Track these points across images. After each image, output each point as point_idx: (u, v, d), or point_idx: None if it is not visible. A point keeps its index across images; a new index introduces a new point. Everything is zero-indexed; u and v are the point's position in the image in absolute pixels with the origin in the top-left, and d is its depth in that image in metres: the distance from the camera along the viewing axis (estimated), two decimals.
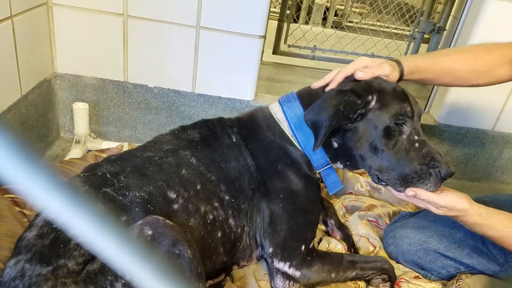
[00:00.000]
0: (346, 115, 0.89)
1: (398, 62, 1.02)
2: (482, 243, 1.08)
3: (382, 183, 0.94)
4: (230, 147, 0.98)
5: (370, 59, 1.00)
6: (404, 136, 0.91)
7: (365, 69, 0.96)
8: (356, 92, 0.90)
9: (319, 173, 1.02)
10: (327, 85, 0.99)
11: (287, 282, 0.94)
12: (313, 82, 1.02)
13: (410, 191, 0.90)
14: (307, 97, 1.00)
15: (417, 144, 0.91)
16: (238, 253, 0.98)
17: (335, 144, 0.98)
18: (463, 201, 0.90)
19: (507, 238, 0.92)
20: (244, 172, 0.97)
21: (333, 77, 0.98)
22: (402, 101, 0.91)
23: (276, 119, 1.01)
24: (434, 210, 0.91)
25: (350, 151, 0.95)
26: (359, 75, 0.94)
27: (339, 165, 1.02)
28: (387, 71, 0.96)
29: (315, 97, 0.97)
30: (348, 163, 0.99)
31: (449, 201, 0.89)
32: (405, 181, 0.90)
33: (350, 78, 0.97)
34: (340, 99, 0.88)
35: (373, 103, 0.91)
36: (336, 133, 0.96)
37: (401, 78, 1.03)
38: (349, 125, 0.92)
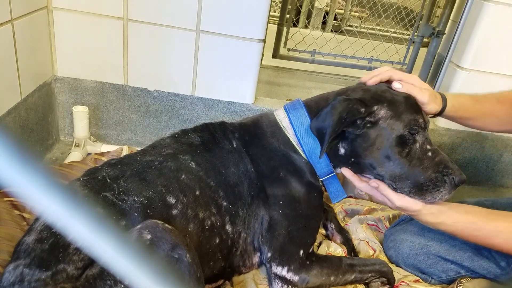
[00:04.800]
0: (350, 122, 0.89)
1: (443, 98, 1.03)
2: (483, 246, 1.07)
3: (396, 191, 0.94)
4: (230, 152, 0.98)
5: (420, 80, 1.00)
6: (417, 145, 0.92)
7: (406, 84, 0.96)
8: (362, 101, 0.90)
9: (321, 181, 1.01)
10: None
11: (285, 286, 0.93)
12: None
13: (374, 182, 0.94)
14: (314, 105, 1.00)
15: (430, 153, 0.92)
16: (235, 259, 0.97)
17: (342, 150, 0.97)
18: (418, 203, 0.93)
19: (457, 232, 0.95)
20: (244, 178, 0.96)
21: (379, 73, 0.99)
22: (416, 112, 0.93)
23: (282, 126, 1.01)
24: (389, 204, 0.96)
25: (358, 159, 0.95)
26: (396, 86, 0.96)
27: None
28: (423, 99, 0.96)
29: (322, 105, 0.97)
30: (353, 170, 0.99)
31: (404, 202, 0.93)
32: (420, 189, 0.91)
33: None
34: (344, 106, 0.88)
35: (382, 112, 0.91)
36: (345, 139, 0.95)
37: (439, 113, 1.04)
38: (358, 130, 0.92)
